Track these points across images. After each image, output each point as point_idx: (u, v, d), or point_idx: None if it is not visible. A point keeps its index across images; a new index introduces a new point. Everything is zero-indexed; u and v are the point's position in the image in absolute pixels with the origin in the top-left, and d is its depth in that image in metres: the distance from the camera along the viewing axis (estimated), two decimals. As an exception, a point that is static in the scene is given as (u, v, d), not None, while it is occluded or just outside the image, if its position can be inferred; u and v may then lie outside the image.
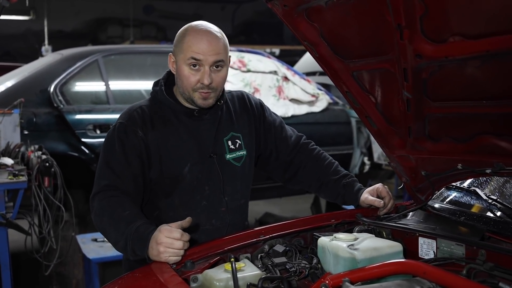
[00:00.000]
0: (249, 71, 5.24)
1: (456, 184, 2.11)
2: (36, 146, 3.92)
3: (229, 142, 2.06)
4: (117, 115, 2.03)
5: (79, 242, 3.79)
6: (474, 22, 1.44)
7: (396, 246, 1.65)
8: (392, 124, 1.96)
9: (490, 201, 1.93)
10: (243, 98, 2.18)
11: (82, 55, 4.79)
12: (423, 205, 2.06)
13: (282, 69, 5.43)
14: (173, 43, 1.98)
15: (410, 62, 1.65)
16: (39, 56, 8.12)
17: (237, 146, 2.08)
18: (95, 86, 4.80)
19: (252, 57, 5.38)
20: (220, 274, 1.53)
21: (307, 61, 7.74)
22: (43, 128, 4.35)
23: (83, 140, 4.38)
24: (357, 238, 1.65)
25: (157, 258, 1.67)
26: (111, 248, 3.54)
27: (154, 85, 2.05)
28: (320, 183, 2.21)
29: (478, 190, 2.01)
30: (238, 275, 1.49)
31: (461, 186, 2.11)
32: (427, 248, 1.83)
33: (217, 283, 1.49)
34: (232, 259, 1.53)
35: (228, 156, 2.05)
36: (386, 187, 2.11)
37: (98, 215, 1.85)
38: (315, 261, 1.72)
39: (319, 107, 5.47)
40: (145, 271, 1.65)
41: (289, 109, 5.23)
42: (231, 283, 1.48)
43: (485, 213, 1.89)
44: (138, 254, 1.73)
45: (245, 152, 2.10)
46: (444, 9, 1.46)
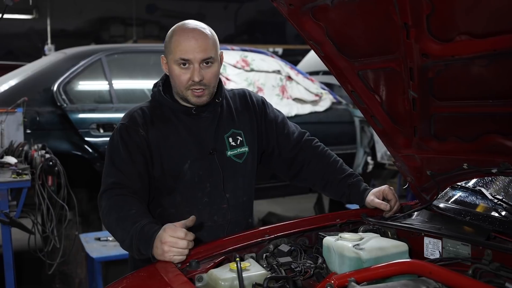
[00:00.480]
0: (253, 71, 5.23)
1: (461, 184, 2.10)
2: (40, 145, 3.93)
3: (230, 139, 2.07)
4: (121, 114, 2.05)
5: (82, 241, 3.80)
6: (481, 21, 1.43)
7: (402, 246, 1.65)
8: (398, 124, 1.95)
9: (496, 201, 1.92)
10: (245, 96, 2.19)
11: (86, 54, 4.79)
12: (428, 205, 2.05)
13: (286, 69, 5.42)
14: (164, 45, 1.99)
15: (416, 61, 1.64)
16: (42, 55, 8.12)
17: (239, 143, 2.09)
18: (99, 85, 4.81)
19: (256, 57, 5.37)
20: (225, 274, 1.52)
21: (310, 61, 7.72)
22: (47, 127, 4.35)
23: (87, 139, 4.38)
24: (363, 238, 1.64)
25: (162, 258, 1.67)
26: (114, 247, 3.57)
27: (153, 87, 2.08)
28: (325, 182, 2.20)
29: (484, 190, 2.00)
30: (244, 275, 1.49)
31: (466, 186, 2.10)
32: (433, 248, 1.82)
33: (223, 283, 1.49)
34: (238, 259, 1.53)
35: (229, 153, 2.06)
36: (392, 189, 2.09)
37: (106, 214, 1.87)
38: (320, 261, 1.72)
39: (323, 107, 5.46)
40: (150, 271, 1.65)
41: (293, 109, 5.22)
42: (236, 283, 1.48)
43: (491, 213, 1.88)
44: (143, 253, 1.74)
45: (247, 149, 2.10)
46: (451, 8, 1.46)
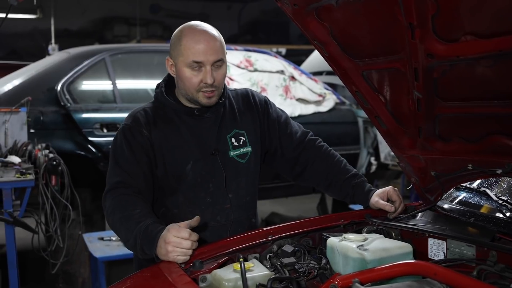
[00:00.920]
0: (256, 71, 5.23)
1: (466, 185, 2.09)
2: (43, 145, 3.94)
3: (233, 139, 2.07)
4: (124, 114, 2.05)
5: (86, 241, 3.80)
6: (487, 21, 1.43)
7: (406, 247, 1.64)
8: (402, 124, 1.95)
9: (501, 202, 1.91)
10: (247, 95, 2.19)
11: (89, 54, 4.79)
12: (433, 206, 2.05)
13: (289, 69, 5.41)
14: (170, 46, 1.98)
15: (421, 62, 1.63)
16: (46, 55, 8.14)
17: (241, 143, 2.08)
18: (102, 85, 4.81)
19: (259, 57, 5.37)
20: (229, 274, 1.52)
21: (314, 61, 7.72)
22: (50, 127, 4.36)
23: (90, 139, 4.39)
24: (367, 239, 1.64)
25: (165, 258, 1.67)
26: (118, 247, 3.57)
27: (156, 88, 2.08)
28: (329, 182, 2.20)
29: (488, 191, 1.99)
30: (247, 275, 1.48)
31: (471, 187, 2.09)
32: (437, 249, 1.82)
33: (226, 283, 1.49)
34: (241, 259, 1.52)
35: (232, 153, 2.06)
36: (397, 190, 2.08)
37: (110, 213, 1.87)
38: (324, 262, 1.71)
39: (326, 107, 5.46)
40: (154, 271, 1.65)
41: (296, 109, 5.21)
42: (240, 283, 1.47)
43: (496, 214, 1.87)
44: (147, 253, 1.74)
45: (250, 149, 2.10)
46: (457, 8, 1.45)
